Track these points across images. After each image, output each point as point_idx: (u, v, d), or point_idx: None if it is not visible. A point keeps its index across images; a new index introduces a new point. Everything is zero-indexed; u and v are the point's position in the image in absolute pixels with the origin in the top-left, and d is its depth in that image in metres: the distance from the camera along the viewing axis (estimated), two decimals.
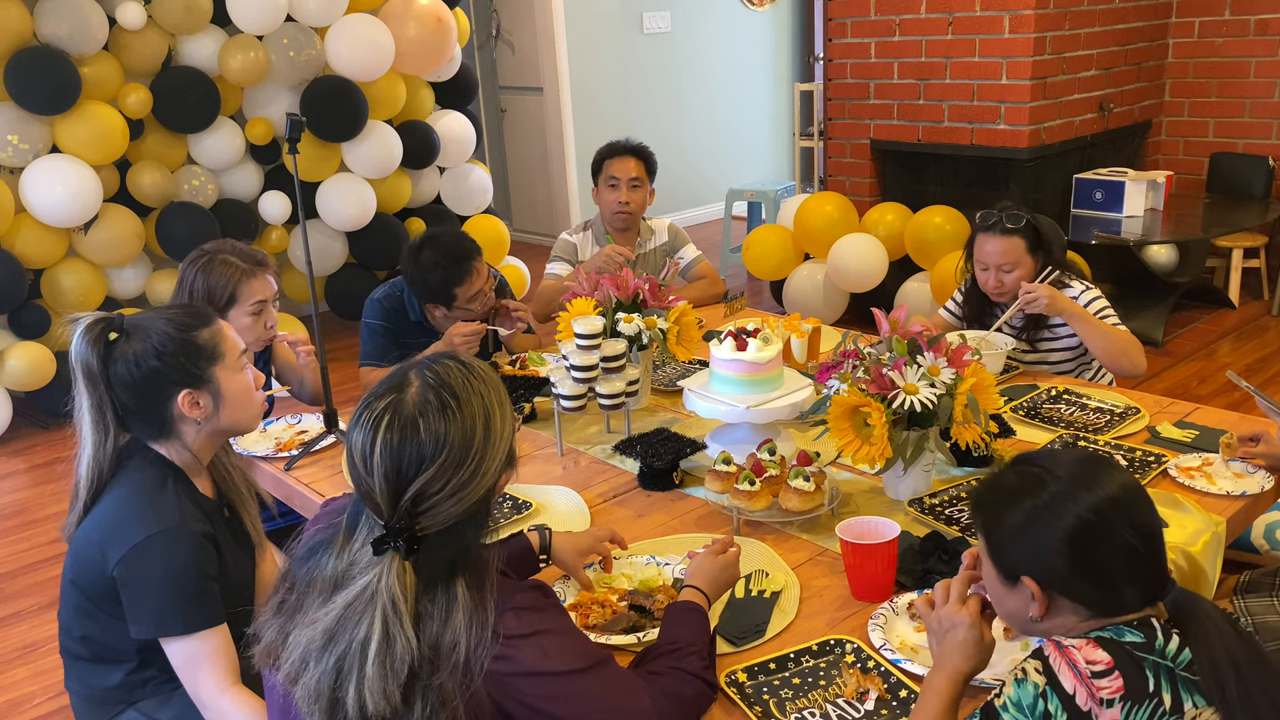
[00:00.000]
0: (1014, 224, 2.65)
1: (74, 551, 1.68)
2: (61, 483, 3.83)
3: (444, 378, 1.27)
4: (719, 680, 1.47)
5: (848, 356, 2.02)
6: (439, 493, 1.22)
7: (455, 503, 1.24)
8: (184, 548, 1.60)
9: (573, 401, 2.31)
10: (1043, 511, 1.25)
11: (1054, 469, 1.28)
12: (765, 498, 1.91)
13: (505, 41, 7.28)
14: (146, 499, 1.64)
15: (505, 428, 1.30)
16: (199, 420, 1.69)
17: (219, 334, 1.72)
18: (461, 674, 1.20)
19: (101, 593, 1.64)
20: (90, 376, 1.64)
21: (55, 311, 4.33)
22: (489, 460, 1.26)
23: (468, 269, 2.80)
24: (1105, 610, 1.25)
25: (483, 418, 1.26)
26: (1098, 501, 1.23)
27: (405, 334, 2.91)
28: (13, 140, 4.06)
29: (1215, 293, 5.23)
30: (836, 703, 1.43)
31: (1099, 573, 1.23)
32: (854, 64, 5.38)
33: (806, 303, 5.01)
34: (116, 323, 1.67)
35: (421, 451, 1.21)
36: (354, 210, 4.95)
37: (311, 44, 4.68)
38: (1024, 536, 1.26)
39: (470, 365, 1.31)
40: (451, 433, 1.23)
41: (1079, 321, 2.58)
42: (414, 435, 1.22)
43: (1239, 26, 5.36)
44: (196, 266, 2.48)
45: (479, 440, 1.25)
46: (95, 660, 1.71)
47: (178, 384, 1.66)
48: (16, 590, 3.11)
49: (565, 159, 7.11)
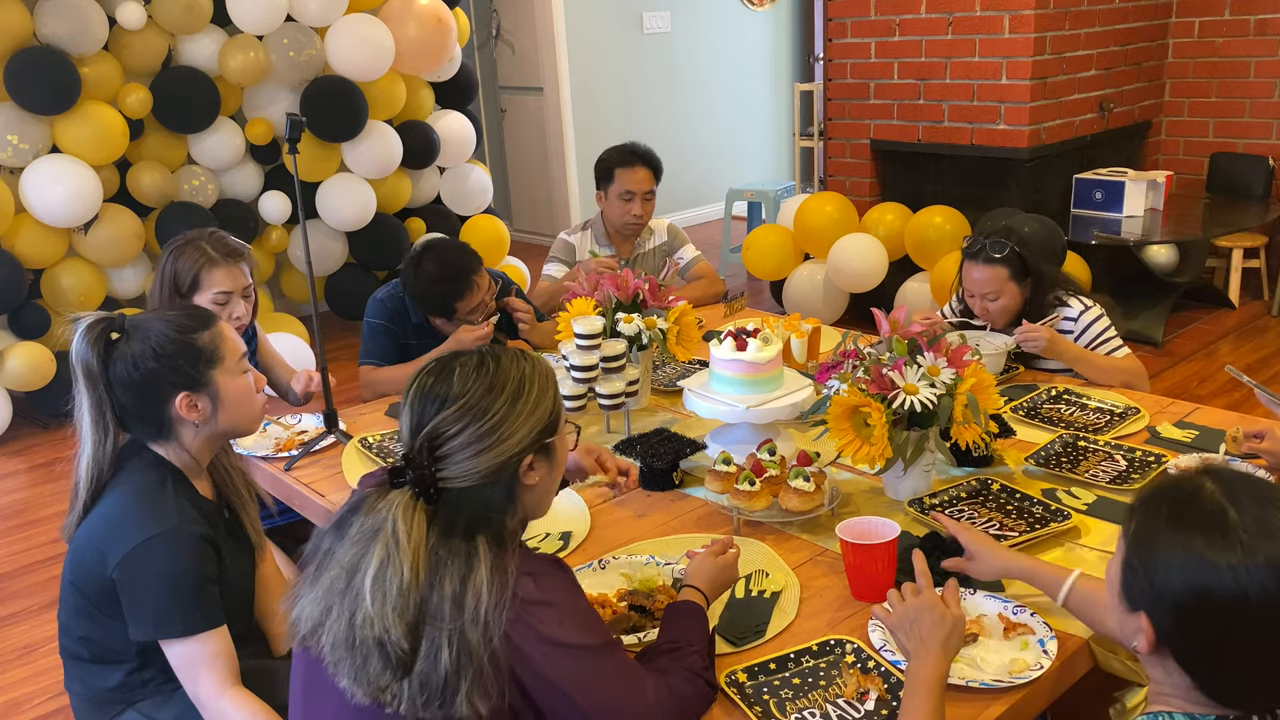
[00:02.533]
0: (998, 253, 2.58)
1: (73, 553, 1.68)
2: (61, 483, 3.83)
3: (497, 351, 1.37)
4: (719, 681, 1.47)
5: (848, 356, 2.02)
6: (455, 437, 1.28)
7: (472, 456, 1.29)
8: (183, 550, 1.60)
9: (573, 401, 2.31)
10: (1212, 570, 1.00)
11: (1245, 524, 1.01)
12: (765, 498, 1.91)
13: (505, 41, 7.28)
14: (145, 501, 1.63)
15: (538, 409, 1.35)
16: (197, 423, 1.69)
17: (219, 336, 1.72)
18: (483, 630, 1.22)
19: (101, 594, 1.64)
20: (90, 376, 1.63)
21: (55, 311, 4.33)
22: (511, 425, 1.31)
23: (467, 284, 2.79)
24: (1216, 695, 1.05)
25: (515, 384, 1.34)
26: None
27: (407, 335, 2.91)
28: (13, 140, 4.06)
29: (1215, 293, 5.23)
30: (836, 703, 1.43)
31: (1235, 662, 1.03)
32: (854, 64, 5.38)
33: (806, 303, 5.01)
34: (118, 323, 1.66)
35: (448, 391, 1.31)
36: (354, 210, 4.95)
37: (311, 44, 4.68)
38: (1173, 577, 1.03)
39: (526, 351, 1.39)
40: (478, 384, 1.31)
41: (1079, 364, 2.57)
42: (447, 379, 1.32)
43: (1239, 26, 5.36)
44: (170, 249, 2.49)
45: (504, 401, 1.32)
46: (95, 661, 1.71)
47: (176, 386, 1.66)
48: (16, 590, 3.11)
49: (565, 159, 7.10)
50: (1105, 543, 1.81)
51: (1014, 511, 1.91)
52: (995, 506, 1.94)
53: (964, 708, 1.40)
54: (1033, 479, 2.07)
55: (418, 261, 2.81)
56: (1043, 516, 1.88)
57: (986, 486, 2.00)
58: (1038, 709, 1.49)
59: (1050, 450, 2.15)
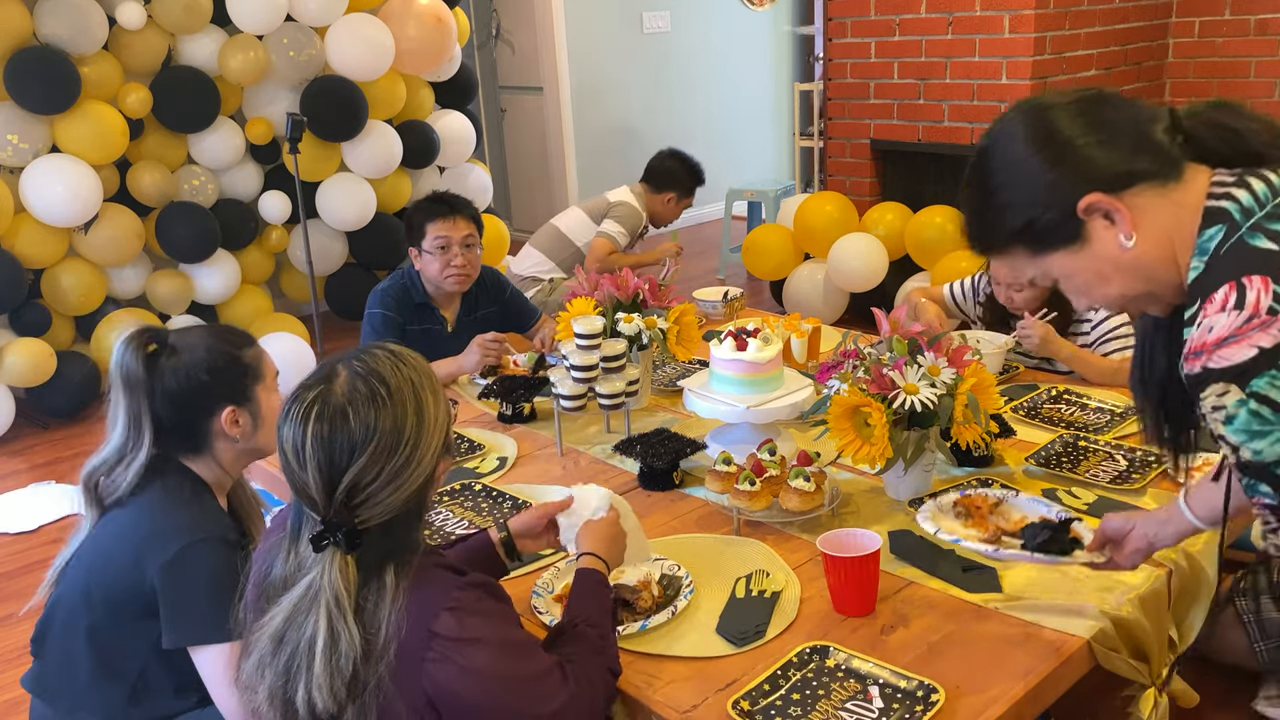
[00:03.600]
0: None
1: (92, 565, 1.65)
2: (62, 483, 3.82)
3: (372, 366, 1.26)
4: (725, 708, 1.43)
5: (848, 356, 2.02)
6: (373, 482, 1.22)
7: (392, 491, 1.23)
8: (226, 555, 1.60)
9: (573, 401, 2.31)
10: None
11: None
12: (765, 498, 1.91)
13: (505, 41, 7.28)
14: (184, 507, 1.64)
15: (439, 414, 1.29)
16: (236, 438, 1.71)
17: (261, 354, 1.77)
18: (382, 659, 1.20)
19: (129, 602, 1.61)
20: (132, 385, 1.64)
21: (56, 311, 4.34)
22: (423, 447, 1.26)
23: (444, 210, 2.88)
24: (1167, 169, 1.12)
25: (414, 404, 1.26)
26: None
27: (410, 319, 2.94)
28: (13, 140, 4.06)
29: None
30: (846, 706, 1.42)
31: (1118, 131, 1.12)
32: (854, 64, 5.38)
33: (806, 303, 5.01)
34: (160, 335, 1.68)
35: (353, 440, 1.21)
36: (354, 210, 4.95)
37: (311, 44, 4.68)
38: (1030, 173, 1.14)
39: (399, 353, 1.31)
40: (382, 420, 1.22)
41: (1073, 363, 2.57)
42: (344, 425, 1.21)
43: (1239, 26, 5.36)
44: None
45: (411, 427, 1.25)
46: (90, 684, 1.68)
47: (224, 400, 1.68)
48: (16, 590, 3.11)
49: (565, 159, 7.10)
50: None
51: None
52: None
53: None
54: (1033, 479, 2.07)
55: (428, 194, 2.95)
56: None
57: (987, 486, 2.00)
58: (1039, 709, 1.49)
59: (1050, 450, 2.15)
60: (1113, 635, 1.57)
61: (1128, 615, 1.60)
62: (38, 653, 1.76)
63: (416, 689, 1.23)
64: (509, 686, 1.27)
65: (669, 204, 3.73)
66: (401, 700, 1.22)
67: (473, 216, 2.96)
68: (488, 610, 1.29)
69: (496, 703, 1.26)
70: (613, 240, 3.55)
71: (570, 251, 4.09)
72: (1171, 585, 1.72)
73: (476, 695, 1.25)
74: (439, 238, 2.88)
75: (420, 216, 2.92)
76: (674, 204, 3.70)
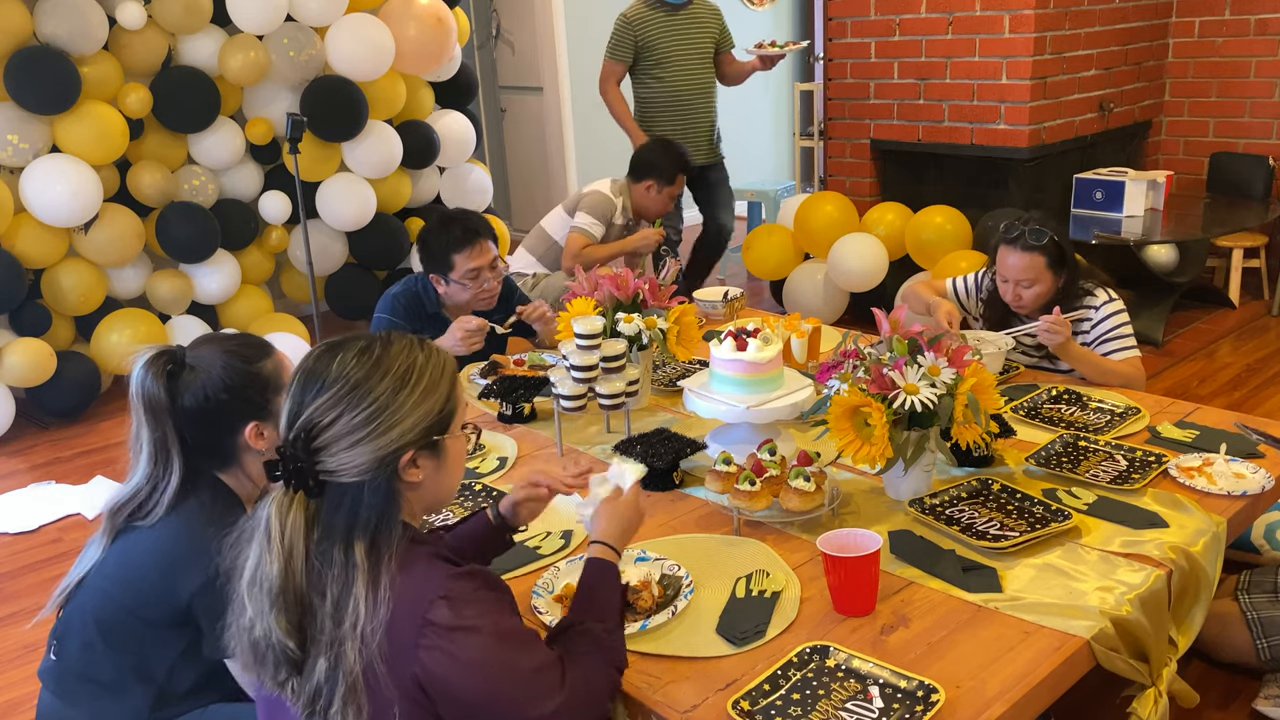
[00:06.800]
0: (1037, 240, 2.57)
1: (121, 579, 1.65)
2: (62, 483, 3.82)
3: (393, 337, 1.29)
4: (726, 708, 1.43)
5: (848, 356, 2.02)
6: (331, 426, 1.22)
7: (350, 445, 1.23)
8: None
9: (573, 401, 2.31)
10: None
11: None
12: (765, 498, 1.91)
13: (505, 41, 7.28)
14: (214, 524, 1.63)
15: (429, 399, 1.28)
16: (263, 451, 1.70)
17: (280, 364, 1.74)
18: (361, 645, 1.19)
19: (159, 619, 1.61)
20: (155, 410, 1.62)
21: (56, 311, 4.33)
22: (392, 414, 1.24)
23: (471, 239, 2.81)
24: None
25: (401, 371, 1.26)
26: None
27: (421, 329, 2.90)
28: (13, 140, 4.06)
29: (1215, 293, 5.22)
30: (846, 706, 1.43)
31: None
32: (854, 64, 5.38)
33: (806, 303, 5.01)
34: (176, 355, 1.66)
35: (323, 378, 1.24)
36: (354, 210, 4.95)
37: (311, 44, 4.68)
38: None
39: (428, 343, 1.31)
40: (358, 371, 1.25)
41: (1081, 364, 2.57)
42: (327, 365, 1.25)
43: (1239, 26, 5.36)
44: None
45: (386, 389, 1.25)
46: (111, 686, 1.67)
47: (246, 416, 1.67)
48: (16, 590, 3.11)
49: (565, 159, 7.10)
50: (1105, 542, 1.81)
51: (1014, 511, 1.91)
52: (996, 506, 1.94)
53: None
54: (1033, 479, 2.07)
55: (437, 216, 2.85)
56: (1043, 516, 1.88)
57: (987, 486, 2.00)
58: (1039, 709, 1.49)
59: (1051, 450, 2.15)
60: (1113, 635, 1.57)
61: (1128, 615, 1.60)
62: (59, 652, 1.75)
63: (407, 675, 1.22)
64: (501, 676, 1.25)
65: (650, 192, 3.66)
66: (393, 683, 1.21)
67: (491, 234, 2.90)
68: (483, 599, 1.27)
69: (488, 693, 1.24)
70: (585, 233, 3.52)
71: (549, 246, 4.06)
72: (1171, 585, 1.72)
73: (468, 684, 1.23)
74: (471, 270, 2.83)
75: (443, 247, 2.83)
76: (656, 192, 3.62)
